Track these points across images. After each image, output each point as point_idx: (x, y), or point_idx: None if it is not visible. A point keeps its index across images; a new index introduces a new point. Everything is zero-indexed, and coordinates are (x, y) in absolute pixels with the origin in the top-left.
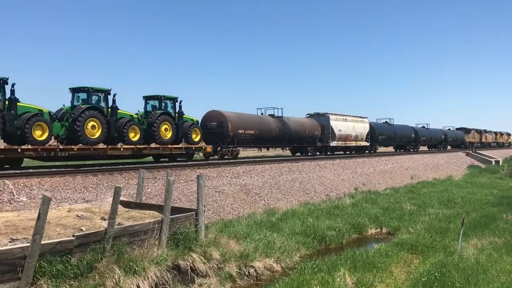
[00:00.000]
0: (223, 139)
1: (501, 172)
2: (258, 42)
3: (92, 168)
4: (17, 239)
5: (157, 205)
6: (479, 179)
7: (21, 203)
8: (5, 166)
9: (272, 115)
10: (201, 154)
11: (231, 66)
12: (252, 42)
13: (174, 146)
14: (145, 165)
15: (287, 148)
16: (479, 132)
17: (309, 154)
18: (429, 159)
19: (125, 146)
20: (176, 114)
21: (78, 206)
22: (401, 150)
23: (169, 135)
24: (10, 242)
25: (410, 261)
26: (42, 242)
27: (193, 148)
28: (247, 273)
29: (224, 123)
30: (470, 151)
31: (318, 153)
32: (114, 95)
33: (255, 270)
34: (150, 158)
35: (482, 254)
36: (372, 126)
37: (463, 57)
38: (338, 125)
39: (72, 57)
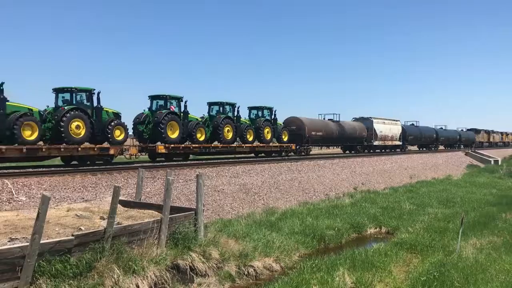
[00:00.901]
0: (301, 139)
1: (500, 171)
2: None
3: (91, 167)
4: (16, 238)
5: (156, 204)
6: (478, 178)
7: (20, 203)
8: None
9: (331, 120)
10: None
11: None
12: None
13: (272, 144)
14: (144, 164)
15: (339, 146)
16: (488, 132)
17: (358, 151)
18: (428, 159)
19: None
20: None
21: (77, 205)
22: (424, 149)
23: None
24: (9, 241)
25: (409, 260)
26: (41, 241)
27: (284, 146)
28: (246, 272)
29: (302, 127)
30: (469, 151)
31: (365, 150)
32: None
33: (254, 270)
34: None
35: (481, 253)
36: (404, 128)
37: (465, 56)
38: (379, 127)
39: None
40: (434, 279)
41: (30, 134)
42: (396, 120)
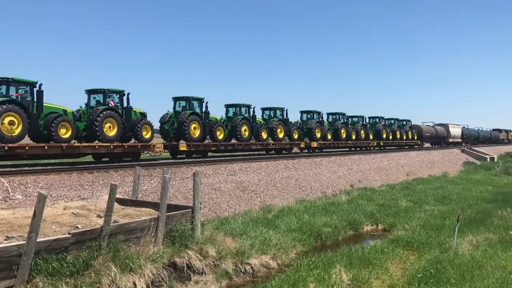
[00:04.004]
0: (443, 140)
1: (496, 168)
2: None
3: (87, 165)
4: (13, 237)
5: (153, 202)
6: (474, 175)
7: (16, 201)
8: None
9: (428, 125)
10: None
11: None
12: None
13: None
14: (140, 162)
15: (429, 142)
16: (507, 131)
17: (441, 146)
18: (425, 156)
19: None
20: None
21: (73, 203)
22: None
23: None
24: (5, 240)
25: (406, 257)
26: (38, 239)
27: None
28: (243, 270)
29: (420, 130)
30: (466, 148)
31: (445, 145)
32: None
33: (251, 267)
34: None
35: (477, 250)
36: (463, 130)
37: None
38: (452, 130)
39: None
40: (430, 275)
41: (65, 133)
42: (458, 125)
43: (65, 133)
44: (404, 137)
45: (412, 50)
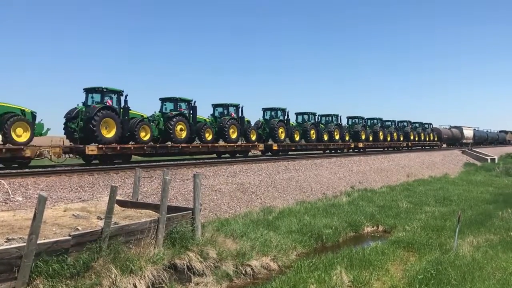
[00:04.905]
0: (458, 141)
1: (497, 169)
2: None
3: (88, 167)
4: (13, 238)
5: (153, 204)
6: (475, 177)
7: (16, 203)
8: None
9: (451, 127)
10: None
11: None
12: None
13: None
14: (141, 164)
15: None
16: None
17: (456, 146)
18: (425, 157)
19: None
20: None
21: (74, 205)
22: (481, 145)
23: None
24: (6, 242)
25: (406, 258)
26: (38, 241)
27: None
28: (243, 271)
29: (440, 134)
30: (466, 149)
31: (459, 145)
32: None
33: (252, 269)
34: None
35: (478, 251)
36: (474, 132)
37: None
38: (465, 132)
39: None
40: (431, 277)
41: (144, 135)
42: (470, 127)
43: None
44: (427, 139)
45: (412, 53)
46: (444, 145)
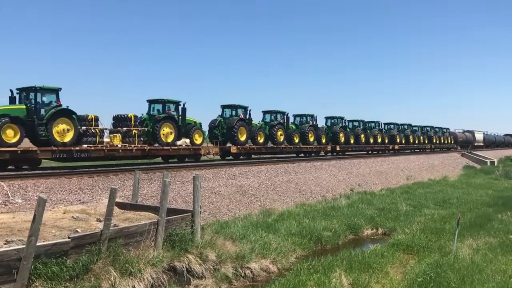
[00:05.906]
0: (470, 144)
1: (496, 172)
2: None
3: (87, 169)
4: (12, 241)
5: (153, 206)
6: (474, 179)
7: (16, 205)
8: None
9: (464, 131)
10: None
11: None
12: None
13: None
14: (140, 166)
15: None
16: None
17: (468, 149)
18: (425, 160)
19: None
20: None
21: (73, 207)
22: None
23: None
24: (5, 244)
25: (406, 261)
26: (38, 243)
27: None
28: (243, 274)
29: (456, 137)
30: (466, 152)
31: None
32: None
33: (251, 271)
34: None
35: (477, 254)
36: (484, 136)
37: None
38: (476, 135)
39: None
40: (430, 279)
41: (197, 139)
42: (480, 131)
43: (197, 139)
44: (446, 142)
45: (411, 54)
46: (459, 147)
